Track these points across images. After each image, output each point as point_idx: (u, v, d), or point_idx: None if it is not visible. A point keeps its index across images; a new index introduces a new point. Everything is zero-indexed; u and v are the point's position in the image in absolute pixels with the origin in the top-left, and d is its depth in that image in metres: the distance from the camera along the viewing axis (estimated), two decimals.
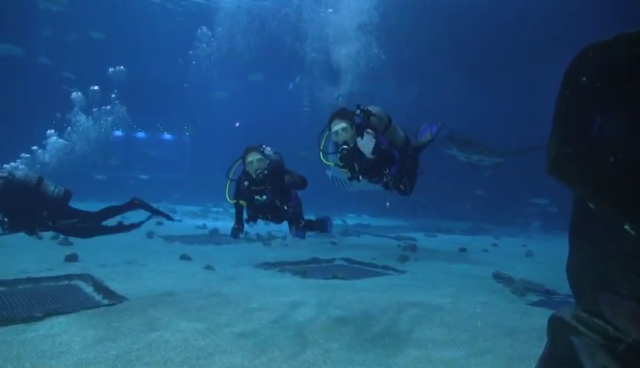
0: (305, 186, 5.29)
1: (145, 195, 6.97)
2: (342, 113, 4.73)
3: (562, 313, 3.04)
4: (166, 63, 23.89)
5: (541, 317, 4.84)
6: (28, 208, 5.48)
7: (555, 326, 3.02)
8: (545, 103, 3.20)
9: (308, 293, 6.37)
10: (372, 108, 4.82)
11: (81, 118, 14.86)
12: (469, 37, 20.48)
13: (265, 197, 5.03)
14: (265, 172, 4.98)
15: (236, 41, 21.79)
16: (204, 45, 21.45)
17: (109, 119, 16.98)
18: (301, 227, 5.35)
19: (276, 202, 5.06)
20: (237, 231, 5.20)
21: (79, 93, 15.13)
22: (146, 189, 22.95)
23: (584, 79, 2.42)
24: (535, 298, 6.86)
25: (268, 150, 5.19)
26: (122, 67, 18.46)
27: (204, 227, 15.26)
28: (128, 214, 6.50)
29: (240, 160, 5.12)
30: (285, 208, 5.11)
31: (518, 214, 20.54)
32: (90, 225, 5.95)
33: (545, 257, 11.67)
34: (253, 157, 5.01)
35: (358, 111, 4.76)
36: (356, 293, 6.45)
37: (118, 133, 29.74)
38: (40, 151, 11.83)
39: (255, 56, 22.09)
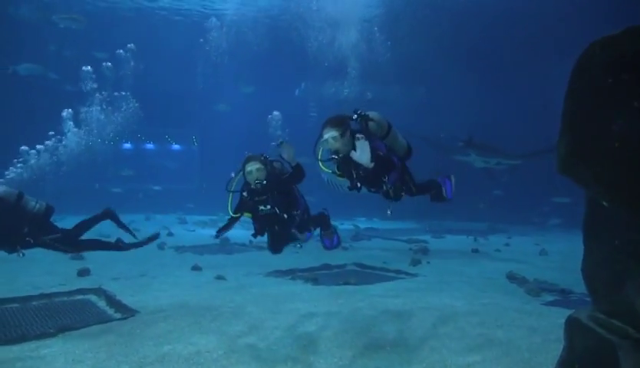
0: (301, 176, 4.90)
1: (158, 207, 6.95)
2: (335, 121, 4.44)
3: (579, 314, 2.96)
4: (172, 73, 24.00)
5: (557, 318, 4.75)
6: (8, 224, 5.26)
7: (573, 327, 2.95)
8: (555, 101, 3.13)
9: (320, 300, 6.33)
10: (371, 113, 4.58)
11: (95, 110, 15.09)
12: (474, 34, 20.28)
13: (269, 207, 4.83)
14: (264, 182, 4.76)
15: (241, 45, 21.86)
16: (214, 34, 21.44)
17: (119, 117, 17.07)
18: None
19: (277, 210, 4.83)
20: (220, 231, 5.13)
21: (89, 68, 15.20)
22: (159, 201, 23.00)
23: (592, 75, 2.38)
24: (550, 298, 6.77)
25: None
26: (132, 45, 18.43)
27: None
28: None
29: (242, 171, 4.90)
30: (286, 216, 4.89)
31: (535, 213, 20.33)
32: (70, 242, 5.72)
33: (559, 255, 11.53)
34: (252, 166, 4.77)
35: (355, 116, 4.52)
36: (368, 298, 6.39)
37: (127, 145, 29.98)
38: (62, 144, 12.05)
39: (261, 56, 22.13)
